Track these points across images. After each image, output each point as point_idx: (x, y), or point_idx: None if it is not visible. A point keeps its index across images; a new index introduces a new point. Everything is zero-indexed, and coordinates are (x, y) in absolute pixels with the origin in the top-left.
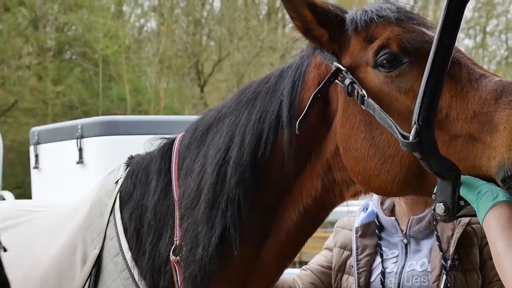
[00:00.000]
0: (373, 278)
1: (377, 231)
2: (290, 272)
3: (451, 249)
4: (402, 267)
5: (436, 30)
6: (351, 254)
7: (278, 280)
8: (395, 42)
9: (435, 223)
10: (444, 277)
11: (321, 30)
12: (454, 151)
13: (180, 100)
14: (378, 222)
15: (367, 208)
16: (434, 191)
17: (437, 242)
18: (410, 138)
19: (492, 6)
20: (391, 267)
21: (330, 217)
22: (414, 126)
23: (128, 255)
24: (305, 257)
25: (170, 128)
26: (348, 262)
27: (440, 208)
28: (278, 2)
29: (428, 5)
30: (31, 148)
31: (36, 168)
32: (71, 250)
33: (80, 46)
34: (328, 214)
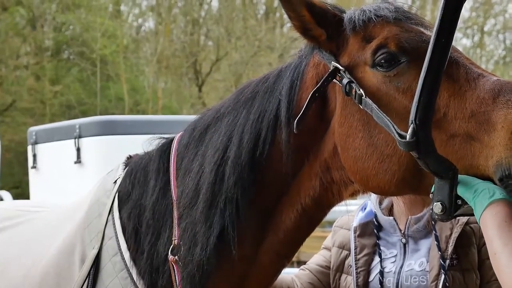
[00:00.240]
0: (371, 278)
1: (375, 231)
2: (288, 271)
3: (450, 248)
4: (401, 267)
5: (433, 30)
6: (350, 254)
7: (277, 279)
8: (393, 42)
9: (434, 223)
10: (442, 276)
11: (319, 30)
12: (451, 150)
13: (178, 99)
14: (376, 222)
15: (366, 207)
16: (432, 190)
17: (435, 242)
18: (407, 137)
19: (489, 5)
20: (390, 267)
21: (329, 216)
22: (411, 126)
23: (126, 255)
24: (303, 256)
25: (168, 127)
26: (346, 262)
27: (437, 207)
28: (276, 2)
29: (426, 4)
30: (29, 148)
31: (34, 168)
32: (70, 250)
33: (78, 45)
34: (326, 214)
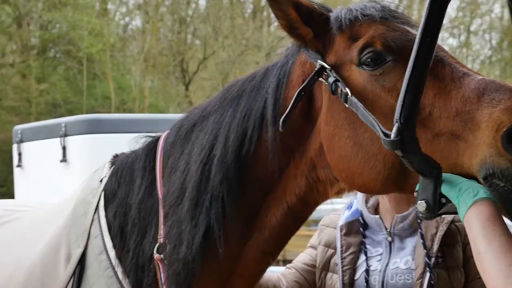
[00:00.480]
0: (357, 276)
1: (361, 229)
2: (274, 270)
3: (435, 247)
4: (386, 265)
5: (418, 29)
6: (336, 252)
7: (263, 278)
8: (380, 41)
9: (419, 221)
10: (428, 274)
11: (306, 29)
12: (436, 149)
13: (164, 98)
14: (362, 220)
15: (352, 206)
16: (416, 189)
17: (421, 240)
18: (392, 136)
19: (476, 5)
20: (375, 265)
21: (314, 215)
22: (396, 124)
23: (112, 253)
24: (289, 255)
25: (155, 126)
26: (332, 260)
27: (421, 205)
28: (263, 1)
29: (412, 4)
30: (14, 146)
31: (19, 166)
32: (55, 249)
33: (64, 44)
34: (311, 212)
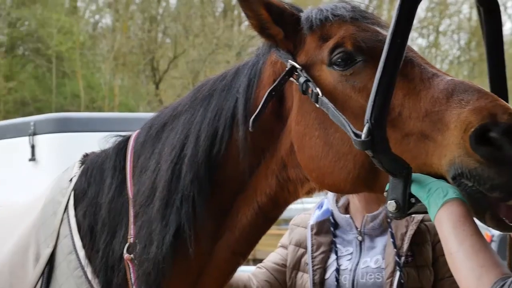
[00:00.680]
0: (327, 275)
1: (332, 229)
2: (245, 269)
3: (405, 246)
4: (357, 264)
5: (389, 30)
6: (306, 252)
7: (233, 277)
8: (350, 41)
9: (389, 221)
10: (397, 273)
11: (276, 29)
12: (406, 149)
13: (135, 97)
14: (333, 220)
15: (322, 205)
16: (386, 189)
17: (391, 239)
18: (362, 136)
19: (445, 6)
20: (346, 264)
21: (285, 214)
22: (367, 125)
23: (81, 253)
24: (259, 254)
25: (125, 125)
26: (303, 260)
27: (391, 205)
28: (234, 0)
29: (382, 4)
30: None
31: None
32: (24, 249)
33: (33, 42)
34: (282, 212)
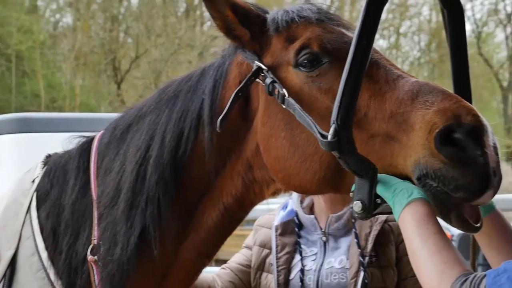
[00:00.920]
0: (292, 276)
1: (296, 229)
2: (209, 270)
3: (369, 246)
4: (321, 265)
5: (355, 31)
6: (271, 252)
7: (197, 278)
8: (316, 42)
9: (354, 221)
10: (361, 273)
11: (242, 30)
12: (372, 150)
13: (96, 97)
14: (297, 220)
15: (287, 206)
16: (352, 189)
17: (355, 240)
18: (329, 137)
19: (405, 8)
20: (310, 265)
21: (249, 215)
22: (333, 126)
23: (44, 255)
24: (221, 255)
25: (87, 125)
26: (267, 260)
27: (357, 206)
28: (197, 0)
29: (344, 5)
30: None
31: None
32: None
33: None
34: (247, 213)
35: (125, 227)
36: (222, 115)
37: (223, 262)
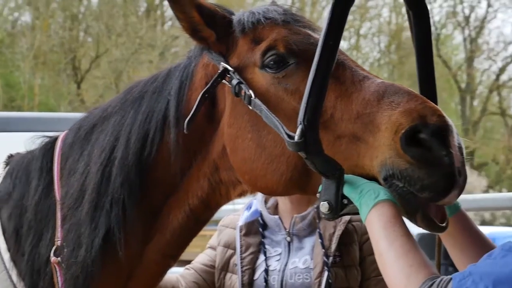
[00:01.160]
0: (256, 276)
1: (260, 230)
2: (173, 271)
3: (333, 246)
4: (285, 265)
5: (321, 33)
6: (235, 253)
7: (162, 279)
8: (282, 44)
9: (318, 221)
10: (326, 273)
11: (208, 31)
12: (338, 151)
13: (55, 96)
14: (262, 221)
15: (251, 206)
16: (319, 190)
17: (319, 240)
18: (296, 138)
19: (365, 9)
20: (275, 265)
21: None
22: (300, 126)
23: (6, 256)
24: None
25: (47, 125)
26: (231, 261)
27: (324, 206)
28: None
29: (304, 6)
30: None
31: None
32: None
33: None
34: (213, 214)
35: (89, 229)
36: (189, 117)
37: (186, 262)
